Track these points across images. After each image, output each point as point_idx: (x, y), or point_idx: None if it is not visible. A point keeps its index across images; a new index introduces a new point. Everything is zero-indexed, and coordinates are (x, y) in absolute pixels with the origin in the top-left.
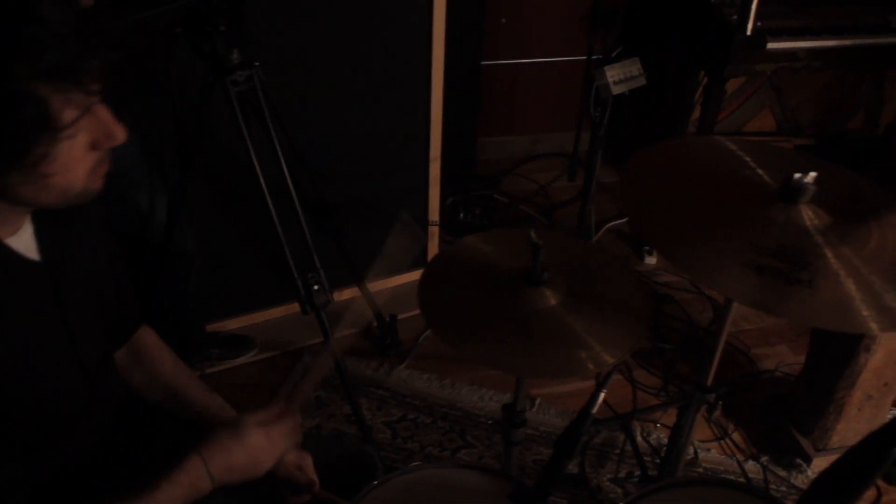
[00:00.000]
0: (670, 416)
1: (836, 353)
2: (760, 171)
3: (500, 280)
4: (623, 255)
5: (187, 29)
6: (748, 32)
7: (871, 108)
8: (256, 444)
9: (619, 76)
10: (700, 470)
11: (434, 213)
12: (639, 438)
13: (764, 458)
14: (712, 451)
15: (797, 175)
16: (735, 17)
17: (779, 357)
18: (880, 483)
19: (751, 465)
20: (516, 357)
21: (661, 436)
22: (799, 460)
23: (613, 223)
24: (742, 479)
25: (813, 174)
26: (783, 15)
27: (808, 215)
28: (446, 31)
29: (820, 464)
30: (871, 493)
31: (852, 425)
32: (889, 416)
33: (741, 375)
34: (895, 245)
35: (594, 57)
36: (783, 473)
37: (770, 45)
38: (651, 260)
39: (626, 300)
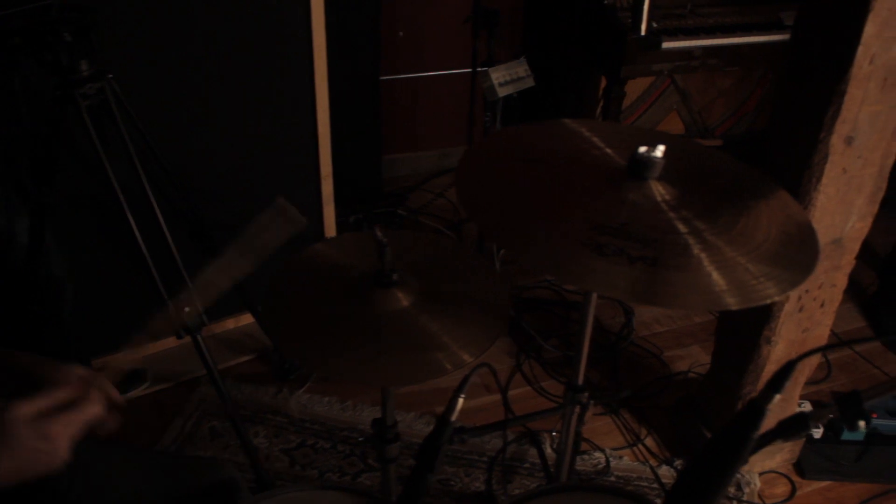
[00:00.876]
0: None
1: (740, 349)
2: (609, 151)
3: (348, 286)
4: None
5: (26, 39)
6: (642, 33)
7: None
8: (27, 444)
9: (505, 77)
10: (612, 479)
11: (330, 232)
12: (549, 450)
13: (677, 462)
14: (625, 458)
15: (643, 149)
16: (629, 18)
17: (692, 358)
18: (794, 477)
19: (664, 470)
20: (366, 365)
21: None
22: None
23: None
24: (650, 485)
25: (661, 147)
26: (678, 16)
27: (659, 191)
28: (340, 46)
29: None
30: (786, 489)
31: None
32: (798, 410)
33: (654, 379)
34: (769, 225)
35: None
36: None
37: (665, 45)
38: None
39: (484, 297)
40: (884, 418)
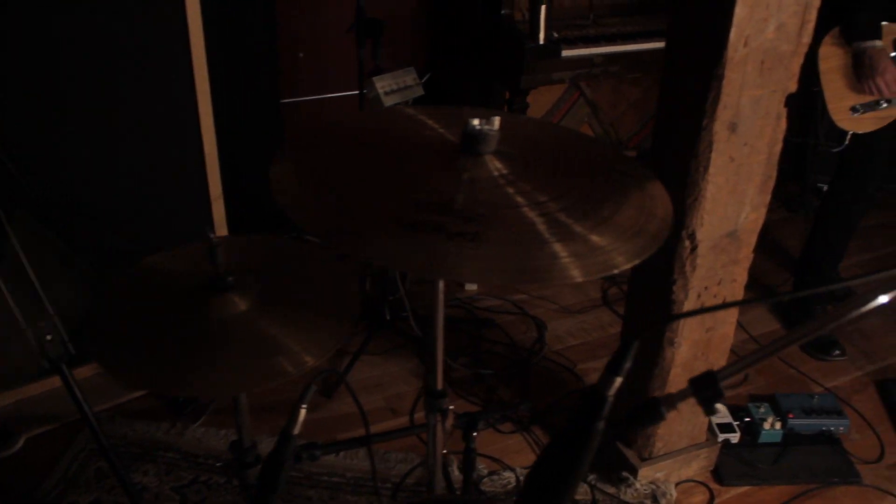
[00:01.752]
0: (489, 444)
1: (644, 353)
2: (444, 131)
3: (182, 295)
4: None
5: None
6: (541, 41)
7: None
8: None
9: (391, 86)
10: None
11: None
12: (456, 472)
13: (591, 477)
14: None
15: (475, 122)
16: (528, 27)
17: (593, 376)
18: (712, 484)
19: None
20: (200, 375)
21: (479, 466)
22: (626, 473)
23: None
24: None
25: (497, 119)
26: (580, 26)
27: (496, 166)
28: (236, 69)
29: (647, 474)
30: (704, 497)
31: (674, 428)
32: (711, 415)
33: (567, 393)
34: (620, 198)
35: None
36: (612, 490)
37: (565, 53)
38: (472, 286)
39: (329, 299)
40: (800, 418)
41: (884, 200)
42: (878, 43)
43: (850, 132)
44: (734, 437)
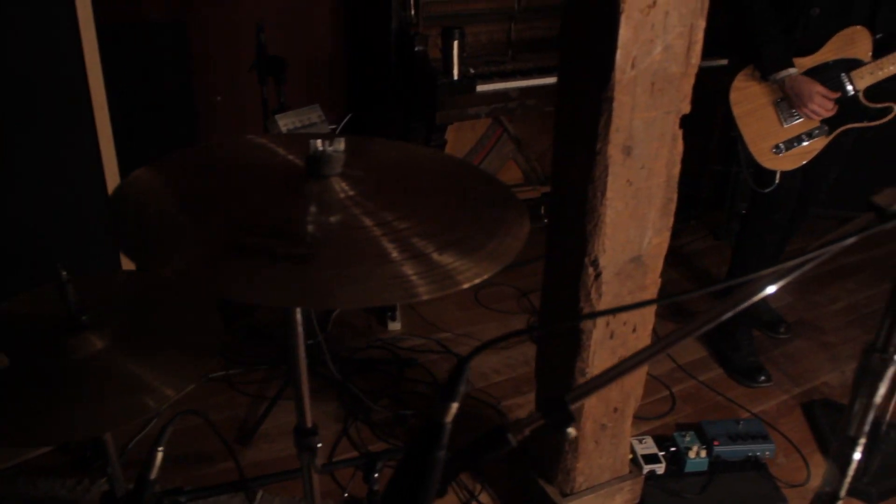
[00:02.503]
0: None
1: (558, 386)
2: (292, 157)
3: (34, 338)
4: (365, 322)
5: None
6: (455, 77)
7: None
8: None
9: (294, 123)
10: None
11: None
12: None
13: None
14: None
15: (318, 144)
16: (440, 64)
17: (531, 405)
18: None
19: None
20: (58, 419)
21: None
22: None
23: None
24: None
25: (342, 140)
26: (498, 62)
27: (342, 187)
28: (152, 114)
29: None
30: None
31: (594, 461)
32: (634, 445)
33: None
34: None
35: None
36: None
37: (480, 88)
38: (395, 325)
39: (191, 331)
40: (726, 444)
41: (816, 227)
42: (791, 70)
43: (779, 171)
44: (659, 468)
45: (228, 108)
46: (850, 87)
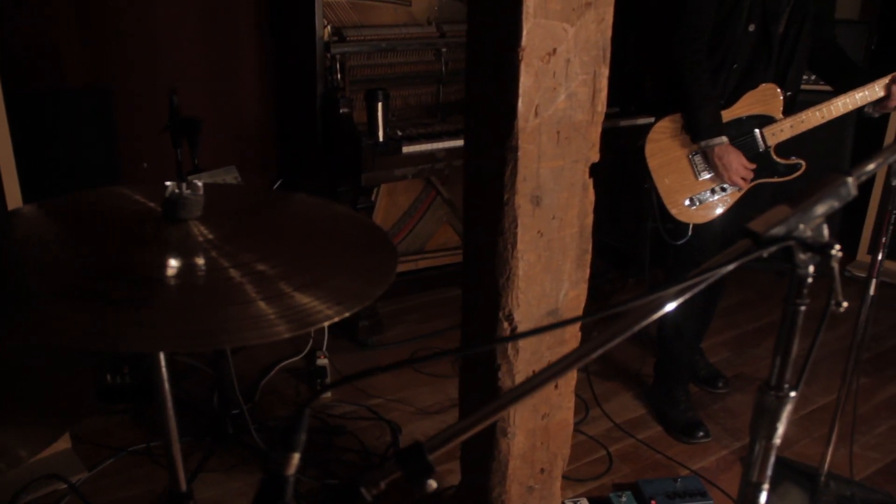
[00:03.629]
0: None
1: (480, 447)
2: (153, 204)
3: None
4: (294, 390)
5: None
6: (380, 139)
7: None
8: None
9: (208, 182)
10: None
11: None
12: None
13: None
14: None
15: (173, 187)
16: (366, 126)
17: (455, 475)
18: None
19: None
20: None
21: None
22: None
23: (288, 361)
24: None
25: (199, 183)
26: (426, 125)
27: (201, 231)
28: (75, 182)
29: None
30: None
31: None
32: None
33: (420, 497)
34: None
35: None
36: None
37: (406, 149)
38: (325, 393)
39: (52, 391)
40: None
41: (746, 279)
42: (723, 139)
43: (692, 224)
44: None
45: (154, 174)
46: (762, 144)
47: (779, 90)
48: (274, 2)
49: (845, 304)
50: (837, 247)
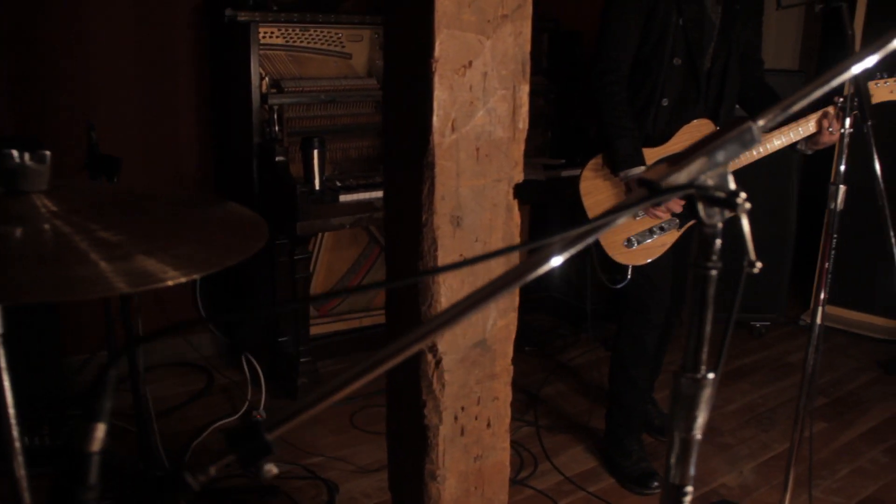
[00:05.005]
0: None
1: (410, 495)
2: None
3: None
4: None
5: None
6: (316, 188)
7: None
8: None
9: None
10: None
11: None
12: None
13: None
14: None
15: (14, 154)
16: (301, 174)
17: None
18: None
19: None
20: None
21: None
22: None
23: (223, 421)
24: None
25: (47, 153)
26: (365, 175)
27: (45, 204)
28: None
29: None
30: None
31: None
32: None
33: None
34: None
35: None
36: None
37: (343, 198)
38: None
39: None
40: None
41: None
42: (642, 169)
43: (630, 266)
44: None
45: None
46: None
47: (713, 125)
48: (213, 53)
49: (759, 264)
50: (744, 195)
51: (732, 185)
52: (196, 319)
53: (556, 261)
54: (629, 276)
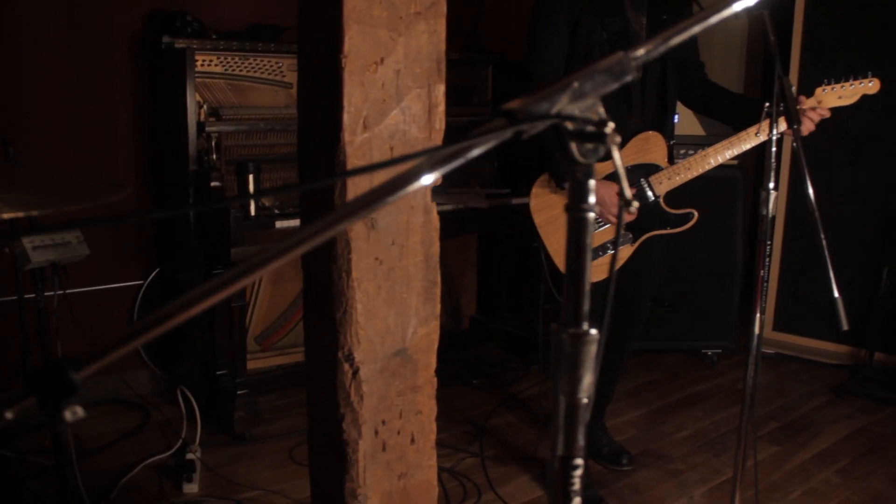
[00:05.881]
0: None
1: None
2: None
3: None
4: (157, 487)
5: None
6: (251, 213)
7: None
8: None
9: (45, 242)
10: None
11: None
12: None
13: None
14: None
15: None
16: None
17: None
18: None
19: None
20: None
21: None
22: None
23: (155, 458)
24: None
25: None
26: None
27: None
28: None
29: None
30: None
31: None
32: None
33: None
34: None
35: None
36: None
37: (280, 224)
38: (192, 487)
39: None
40: None
41: (654, 361)
42: None
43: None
44: None
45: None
46: (650, 193)
47: (662, 137)
48: (152, 81)
49: (636, 203)
50: (612, 125)
51: (602, 114)
52: (127, 336)
53: (428, 179)
54: None
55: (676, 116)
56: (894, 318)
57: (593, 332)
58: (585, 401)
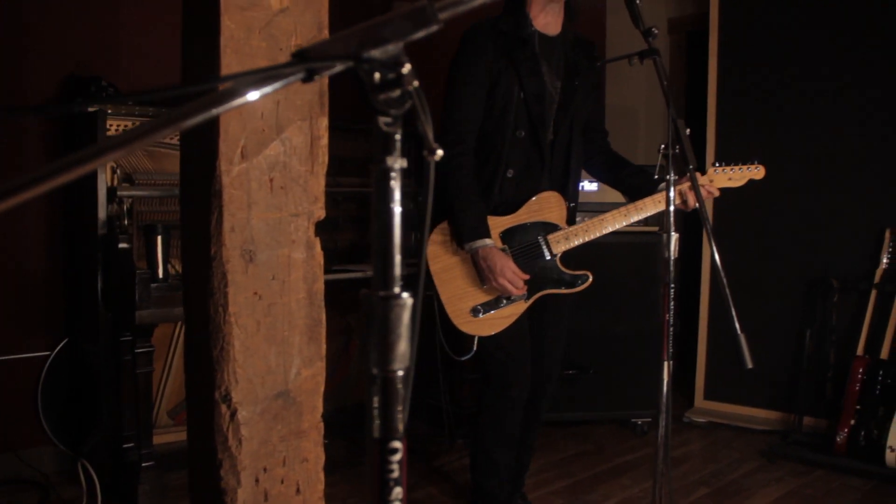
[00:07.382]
0: None
1: None
2: None
3: None
4: None
5: None
6: (159, 275)
7: None
8: None
9: None
10: None
11: None
12: None
13: None
14: None
15: None
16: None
17: None
18: None
19: None
20: None
21: None
22: None
23: None
24: None
25: None
26: None
27: None
28: None
29: None
30: None
31: None
32: None
33: None
34: None
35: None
36: None
37: None
38: None
39: None
40: None
41: (581, 432)
42: (487, 241)
43: (477, 336)
44: None
45: None
46: (547, 252)
47: (563, 199)
48: (67, 148)
49: (440, 151)
50: (409, 66)
51: (406, 67)
52: None
53: (253, 95)
54: (475, 348)
55: (596, 184)
56: (820, 382)
57: (405, 295)
58: (401, 373)
